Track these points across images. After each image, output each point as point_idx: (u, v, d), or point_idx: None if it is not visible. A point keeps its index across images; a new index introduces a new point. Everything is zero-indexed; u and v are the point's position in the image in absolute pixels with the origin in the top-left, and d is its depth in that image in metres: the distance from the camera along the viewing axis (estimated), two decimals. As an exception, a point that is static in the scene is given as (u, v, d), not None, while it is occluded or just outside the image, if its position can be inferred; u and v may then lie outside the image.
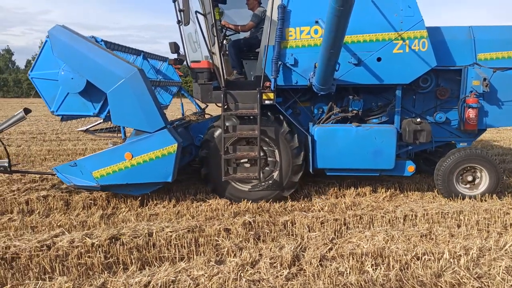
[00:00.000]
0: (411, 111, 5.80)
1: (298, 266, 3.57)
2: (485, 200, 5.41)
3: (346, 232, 4.38)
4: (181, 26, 5.14)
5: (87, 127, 7.28)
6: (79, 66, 4.83)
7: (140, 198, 5.33)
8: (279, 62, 5.16)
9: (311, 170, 5.49)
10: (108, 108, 4.96)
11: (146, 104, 4.82)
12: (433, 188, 5.97)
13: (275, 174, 5.47)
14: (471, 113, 5.33)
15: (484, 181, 5.48)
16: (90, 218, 4.71)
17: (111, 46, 5.93)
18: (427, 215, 4.79)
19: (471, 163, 5.44)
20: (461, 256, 3.70)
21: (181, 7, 4.91)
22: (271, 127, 5.34)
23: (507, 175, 6.65)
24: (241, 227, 4.37)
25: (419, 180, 6.39)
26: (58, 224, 4.53)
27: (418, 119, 5.38)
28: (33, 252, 3.70)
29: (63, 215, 4.86)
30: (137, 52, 7.03)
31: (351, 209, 5.10)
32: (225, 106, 5.26)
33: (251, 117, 5.29)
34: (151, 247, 3.92)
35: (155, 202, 5.33)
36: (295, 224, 4.55)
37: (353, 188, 5.90)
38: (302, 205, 5.24)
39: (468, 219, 4.66)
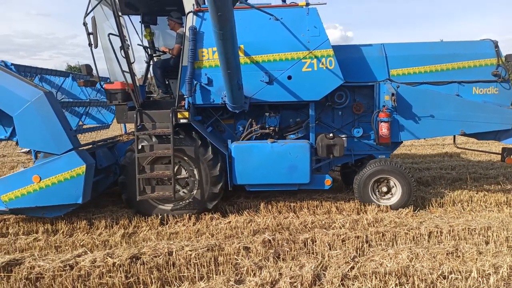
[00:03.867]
0: (330, 126, 5.90)
1: (319, 285, 3.50)
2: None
3: (368, 250, 4.27)
4: (92, 49, 5.15)
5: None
6: None
7: (160, 216, 5.37)
8: (195, 82, 5.26)
9: (230, 187, 5.53)
10: None
11: (53, 127, 4.85)
12: (457, 203, 5.79)
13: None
14: (383, 127, 5.45)
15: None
16: (112, 237, 4.78)
17: (35, 71, 6.13)
18: (453, 231, 4.63)
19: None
20: (490, 274, 3.55)
21: (90, 30, 5.03)
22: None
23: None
24: (260, 246, 4.33)
25: (443, 194, 6.22)
26: (81, 243, 4.62)
27: (331, 134, 5.49)
28: (56, 272, 3.78)
29: (86, 234, 4.96)
30: (65, 74, 7.09)
31: (373, 225, 4.98)
32: (139, 126, 5.32)
33: (169, 136, 5.24)
34: (171, 266, 3.93)
35: (175, 220, 5.37)
36: (315, 241, 4.47)
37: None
38: (323, 222, 5.14)
39: (496, 235, 4.48)
